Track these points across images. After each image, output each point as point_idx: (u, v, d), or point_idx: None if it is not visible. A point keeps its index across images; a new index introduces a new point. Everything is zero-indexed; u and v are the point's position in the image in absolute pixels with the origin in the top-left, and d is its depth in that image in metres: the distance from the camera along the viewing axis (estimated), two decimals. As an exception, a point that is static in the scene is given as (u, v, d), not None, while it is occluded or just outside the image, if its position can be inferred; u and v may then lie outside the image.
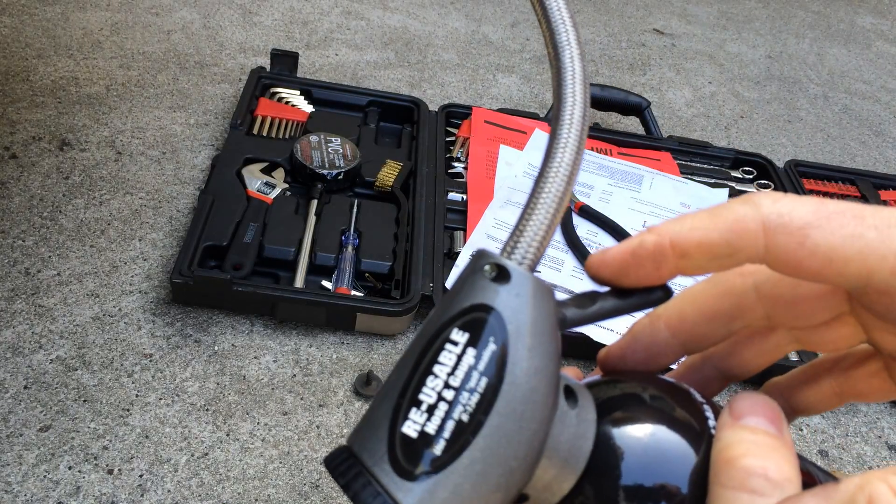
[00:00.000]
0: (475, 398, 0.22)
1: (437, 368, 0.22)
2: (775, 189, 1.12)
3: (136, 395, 0.72)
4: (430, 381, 0.22)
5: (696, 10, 1.76)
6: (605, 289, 0.26)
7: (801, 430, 0.84)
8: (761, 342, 0.29)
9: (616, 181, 1.06)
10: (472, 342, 0.23)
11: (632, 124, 1.25)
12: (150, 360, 0.76)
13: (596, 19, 1.61)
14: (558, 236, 0.95)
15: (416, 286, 0.82)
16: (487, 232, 0.92)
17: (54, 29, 1.18)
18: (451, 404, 0.22)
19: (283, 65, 1.10)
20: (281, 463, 0.69)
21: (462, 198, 0.97)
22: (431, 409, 0.22)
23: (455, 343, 0.23)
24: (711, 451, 0.24)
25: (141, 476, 0.66)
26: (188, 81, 1.14)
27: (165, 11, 1.30)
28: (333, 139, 0.98)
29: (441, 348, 0.23)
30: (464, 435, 0.22)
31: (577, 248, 0.92)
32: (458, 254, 0.88)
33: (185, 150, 1.02)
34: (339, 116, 1.07)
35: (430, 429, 0.22)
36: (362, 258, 0.85)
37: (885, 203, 1.12)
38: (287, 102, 1.07)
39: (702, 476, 0.24)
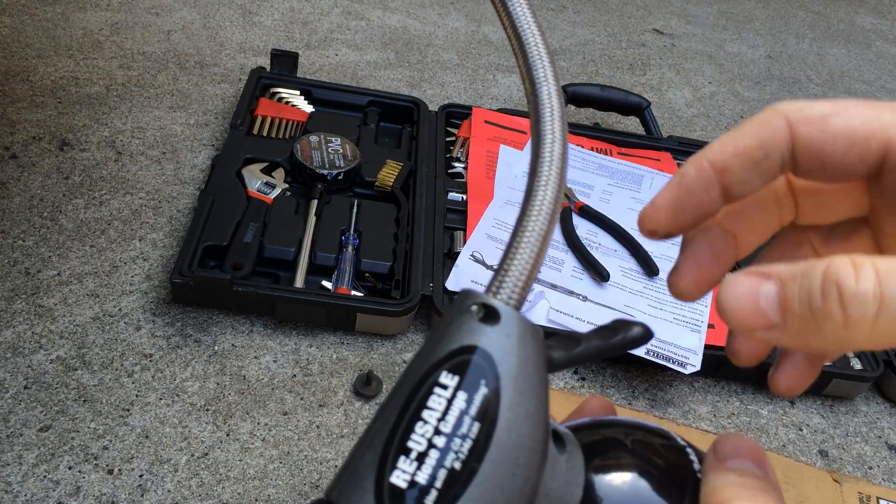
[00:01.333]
0: (468, 444, 0.21)
1: (426, 414, 0.21)
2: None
3: (137, 395, 0.72)
4: (419, 427, 0.21)
5: (696, 10, 1.76)
6: (588, 328, 0.26)
7: (801, 430, 0.84)
8: (785, 243, 0.29)
9: (616, 181, 1.06)
10: (461, 386, 0.22)
11: (632, 124, 1.25)
12: (151, 360, 0.76)
13: (596, 19, 1.61)
14: (558, 236, 0.95)
15: (416, 286, 0.82)
16: (487, 232, 0.92)
17: (54, 29, 1.18)
18: (443, 452, 0.21)
19: (283, 65, 1.10)
20: (281, 463, 0.69)
21: (462, 198, 0.97)
22: (421, 458, 0.21)
23: (444, 387, 0.22)
24: (700, 496, 0.24)
25: (141, 476, 0.66)
26: (188, 81, 1.14)
27: (165, 11, 1.30)
28: (333, 139, 0.98)
29: (430, 392, 0.22)
30: (456, 484, 0.21)
31: (577, 248, 0.92)
32: (458, 254, 0.88)
33: (185, 150, 1.02)
34: (339, 116, 1.07)
35: (421, 478, 0.21)
36: (362, 258, 0.85)
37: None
38: (287, 102, 1.07)
39: None
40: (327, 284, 0.83)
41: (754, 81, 1.52)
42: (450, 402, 0.21)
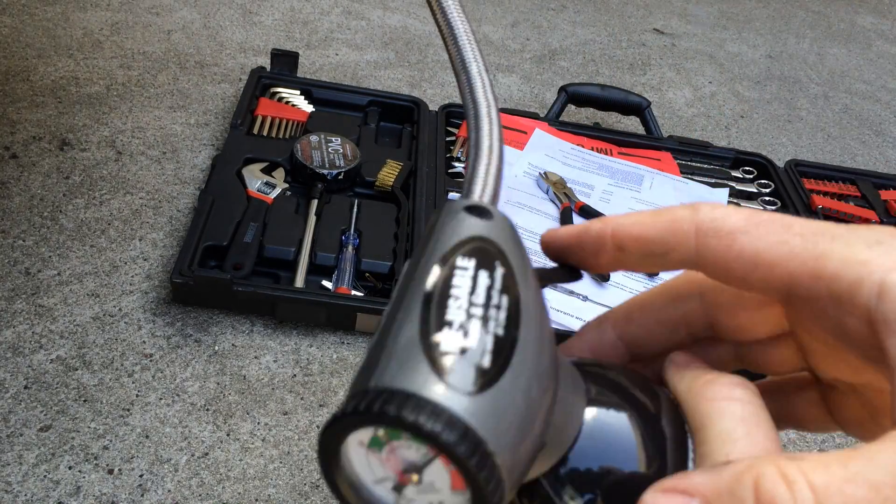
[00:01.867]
0: (503, 314, 0.22)
1: (454, 291, 0.22)
2: (776, 189, 1.12)
3: (137, 395, 0.72)
4: (452, 302, 0.21)
5: (696, 9, 1.76)
6: (553, 264, 0.27)
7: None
8: (703, 354, 0.28)
9: (616, 181, 1.06)
10: (480, 266, 0.22)
11: (632, 124, 1.25)
12: (151, 360, 0.76)
13: (596, 19, 1.61)
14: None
15: (416, 286, 0.82)
16: (487, 232, 0.92)
17: (54, 29, 1.18)
18: (483, 321, 0.21)
19: (284, 65, 1.10)
20: (281, 463, 0.69)
21: (462, 198, 0.97)
22: (464, 327, 0.21)
23: (465, 268, 0.22)
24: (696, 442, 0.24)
25: (141, 476, 0.66)
26: (188, 81, 1.14)
27: (166, 11, 1.30)
28: (333, 139, 0.98)
29: (451, 274, 0.22)
30: (504, 349, 0.21)
31: (578, 248, 0.92)
32: (458, 254, 0.88)
33: (186, 150, 1.02)
34: (340, 116, 1.07)
35: (471, 344, 0.21)
36: (362, 258, 0.85)
37: (885, 203, 1.12)
38: (287, 102, 1.07)
39: (681, 451, 0.24)
40: (327, 284, 0.83)
41: (754, 81, 1.52)
42: (474, 279, 0.22)
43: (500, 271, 0.23)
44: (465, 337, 0.21)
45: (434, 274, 0.22)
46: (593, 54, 1.49)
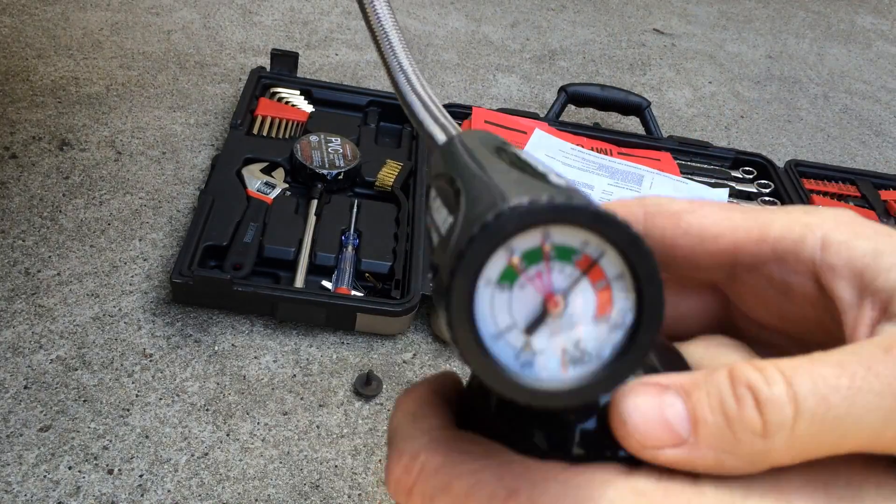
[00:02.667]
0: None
1: (531, 161, 0.22)
2: (775, 189, 1.12)
3: (137, 395, 0.72)
4: (537, 165, 0.22)
5: (696, 9, 1.76)
6: None
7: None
8: None
9: (616, 181, 1.06)
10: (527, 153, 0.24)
11: (632, 124, 1.25)
12: (151, 360, 0.76)
13: (596, 19, 1.61)
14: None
15: (416, 286, 0.82)
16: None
17: (54, 29, 1.18)
18: (552, 170, 0.22)
19: (284, 65, 1.10)
20: (281, 463, 0.69)
21: (462, 198, 0.97)
22: (560, 176, 0.21)
23: (521, 151, 0.23)
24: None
25: (141, 476, 0.66)
26: (188, 81, 1.14)
27: (165, 11, 1.30)
28: (333, 139, 0.98)
29: (517, 153, 0.23)
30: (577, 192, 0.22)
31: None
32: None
33: (185, 150, 1.02)
34: (339, 116, 1.07)
35: (572, 184, 0.21)
36: (362, 258, 0.85)
37: (884, 203, 1.12)
38: (287, 102, 1.07)
39: None
40: (327, 284, 0.83)
41: (754, 81, 1.52)
42: (533, 156, 0.23)
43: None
44: (563, 180, 0.21)
45: (497, 150, 0.23)
46: (593, 54, 1.49)
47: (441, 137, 0.26)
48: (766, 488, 0.18)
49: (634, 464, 0.19)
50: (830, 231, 0.22)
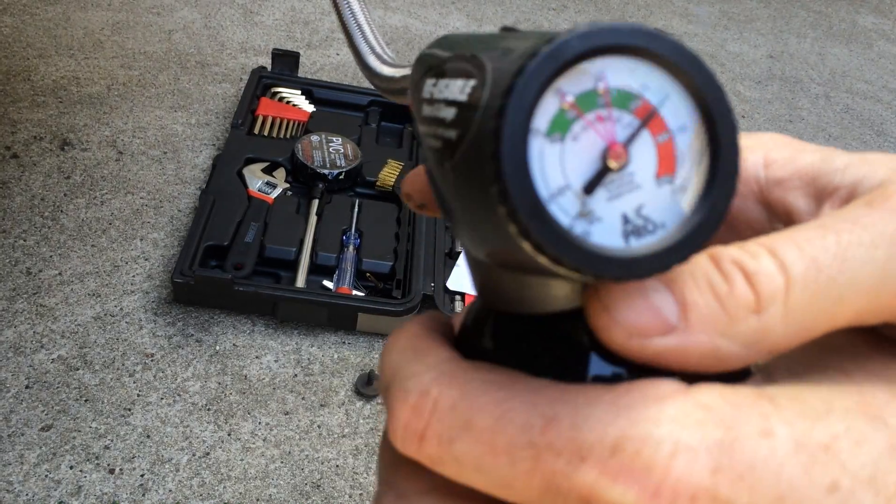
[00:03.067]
0: None
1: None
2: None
3: (138, 395, 0.72)
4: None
5: (697, 9, 1.76)
6: None
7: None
8: None
9: (617, 181, 1.06)
10: None
11: (633, 124, 1.25)
12: (152, 360, 0.76)
13: (597, 19, 1.61)
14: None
15: (417, 286, 0.82)
16: (489, 232, 0.92)
17: (55, 29, 1.18)
18: None
19: (285, 64, 1.10)
20: (282, 462, 0.69)
21: (463, 197, 0.97)
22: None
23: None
24: None
25: (142, 475, 0.66)
26: (189, 81, 1.14)
27: (166, 11, 1.30)
28: (334, 139, 0.98)
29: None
30: None
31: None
32: (458, 253, 0.88)
33: (186, 150, 1.02)
34: (341, 116, 1.07)
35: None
36: (363, 258, 0.85)
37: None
38: (288, 102, 1.07)
39: None
40: (328, 284, 0.83)
41: (756, 81, 1.52)
42: None
43: None
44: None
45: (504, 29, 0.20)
46: (594, 54, 1.49)
47: (398, 70, 0.25)
48: (828, 384, 0.17)
49: (691, 380, 0.17)
50: (771, 150, 0.20)
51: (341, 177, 0.93)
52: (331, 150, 0.96)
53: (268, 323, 0.82)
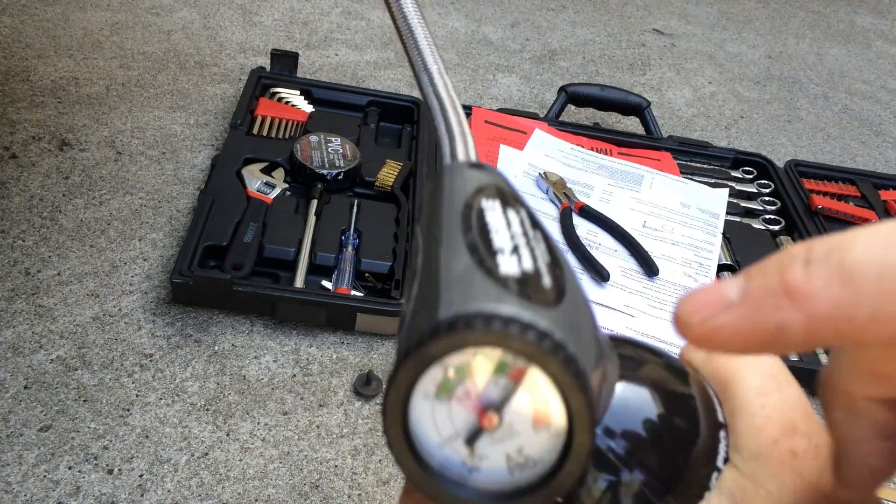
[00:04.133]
0: (542, 244, 0.21)
1: (492, 225, 0.21)
2: (775, 189, 1.12)
3: (137, 395, 0.72)
4: (494, 234, 0.21)
5: (695, 10, 1.76)
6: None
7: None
8: None
9: (616, 181, 1.06)
10: (505, 205, 0.22)
11: (632, 124, 1.25)
12: (151, 360, 0.76)
13: (596, 19, 1.61)
14: (558, 237, 0.95)
15: (416, 286, 0.82)
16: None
17: (54, 29, 1.18)
18: (530, 248, 0.21)
19: (283, 65, 1.10)
20: (281, 463, 0.69)
21: (462, 198, 0.97)
22: (516, 253, 0.20)
23: (492, 208, 0.22)
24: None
25: (141, 476, 0.66)
26: (188, 81, 1.14)
27: (165, 11, 1.30)
28: (333, 139, 0.98)
29: (482, 212, 0.22)
30: (556, 272, 0.21)
31: (578, 248, 0.92)
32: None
33: (185, 150, 1.02)
34: (339, 116, 1.07)
35: (528, 267, 0.20)
36: (362, 258, 0.85)
37: (884, 203, 1.12)
38: (287, 102, 1.07)
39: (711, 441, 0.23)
40: (327, 284, 0.83)
41: (754, 81, 1.52)
42: (505, 215, 0.22)
43: (523, 211, 0.23)
44: (519, 261, 0.20)
45: (464, 215, 0.22)
46: (593, 54, 1.49)
47: (446, 159, 0.25)
48: None
49: None
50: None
51: (340, 177, 0.93)
52: (329, 150, 0.96)
53: (266, 323, 0.82)
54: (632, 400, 0.24)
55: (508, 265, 0.20)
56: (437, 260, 0.21)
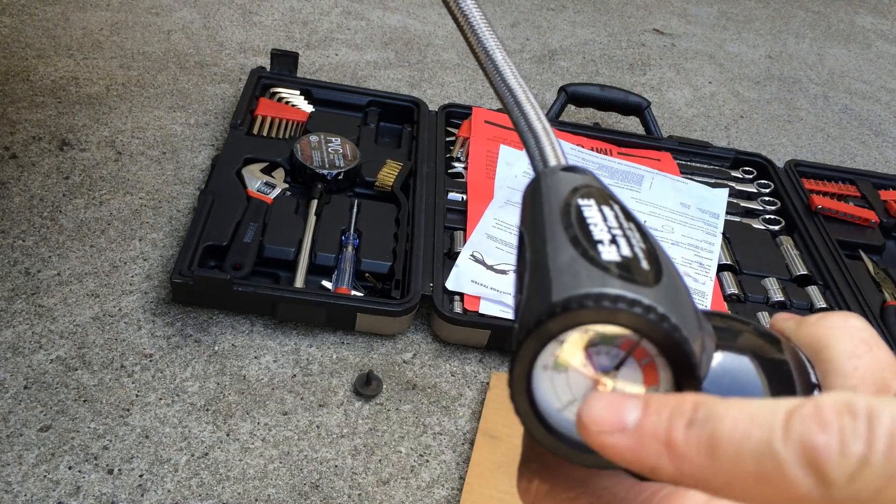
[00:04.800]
0: (637, 234, 0.24)
1: (590, 221, 0.24)
2: (775, 189, 1.12)
3: (137, 395, 0.72)
4: (593, 228, 0.23)
5: (696, 9, 1.76)
6: None
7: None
8: None
9: (616, 181, 1.06)
10: (600, 203, 0.25)
11: (632, 124, 1.25)
12: (151, 360, 0.76)
13: (596, 19, 1.61)
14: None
15: (416, 286, 0.82)
16: (487, 232, 0.92)
17: (54, 29, 1.18)
18: (627, 238, 0.23)
19: (284, 65, 1.10)
20: (281, 463, 0.69)
21: (462, 198, 0.97)
22: (615, 243, 0.23)
23: (589, 205, 0.25)
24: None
25: (141, 476, 0.66)
26: (188, 81, 1.14)
27: (165, 11, 1.30)
28: (333, 139, 0.98)
29: (580, 209, 0.24)
30: (653, 257, 0.23)
31: (577, 248, 0.92)
32: (458, 254, 0.88)
33: (185, 150, 1.02)
34: (339, 116, 1.07)
35: (626, 253, 0.23)
36: (362, 258, 0.85)
37: (884, 203, 1.12)
38: (287, 102, 1.07)
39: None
40: (327, 284, 0.83)
41: (754, 81, 1.52)
42: (601, 211, 0.24)
43: (616, 206, 0.25)
44: (618, 249, 0.23)
45: (564, 213, 0.24)
46: (593, 54, 1.49)
47: (538, 165, 0.28)
48: None
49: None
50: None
51: (340, 177, 0.93)
52: (329, 150, 0.96)
53: (266, 323, 0.82)
54: (730, 367, 0.25)
55: (609, 253, 0.22)
56: (544, 254, 0.23)
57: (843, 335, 0.25)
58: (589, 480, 0.23)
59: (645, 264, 0.23)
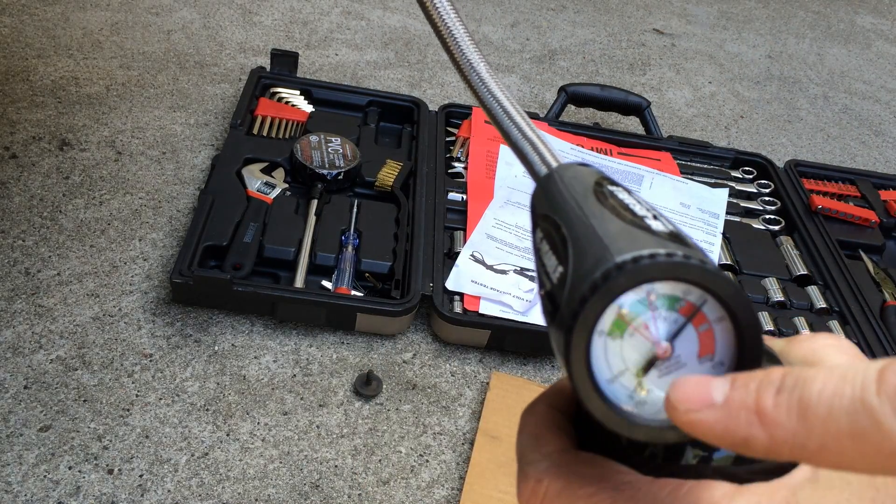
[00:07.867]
0: (665, 218, 0.24)
1: (627, 201, 0.24)
2: (775, 189, 1.12)
3: (137, 395, 0.72)
4: (632, 206, 0.24)
5: (696, 9, 1.76)
6: None
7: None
8: None
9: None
10: (627, 191, 0.26)
11: (632, 124, 1.25)
12: (151, 360, 0.76)
13: (596, 19, 1.61)
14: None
15: (416, 286, 0.82)
16: (487, 232, 0.92)
17: (54, 29, 1.18)
18: (666, 218, 0.24)
19: (283, 65, 1.10)
20: (281, 463, 0.69)
21: (462, 198, 0.97)
22: (657, 219, 0.23)
23: (619, 191, 0.25)
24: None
25: (141, 476, 0.66)
26: (188, 81, 1.14)
27: (165, 11, 1.30)
28: (333, 139, 0.98)
29: (613, 193, 0.25)
30: (681, 235, 0.23)
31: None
32: (458, 254, 0.88)
33: (185, 150, 1.02)
34: (339, 116, 1.07)
35: (673, 228, 0.23)
36: (362, 258, 0.85)
37: (884, 203, 1.12)
38: (287, 102, 1.07)
39: None
40: (327, 284, 0.83)
41: (754, 81, 1.52)
42: (632, 195, 0.25)
43: (634, 193, 0.26)
44: (664, 224, 0.23)
45: (597, 194, 0.25)
46: (593, 54, 1.49)
47: (541, 169, 0.28)
48: (850, 493, 0.21)
49: (740, 483, 0.22)
50: None
51: (340, 177, 0.93)
52: (329, 150, 0.96)
53: (266, 323, 0.82)
54: None
55: (658, 226, 0.23)
56: (589, 226, 0.23)
57: (836, 351, 0.26)
58: (608, 476, 0.23)
59: (690, 241, 0.23)
